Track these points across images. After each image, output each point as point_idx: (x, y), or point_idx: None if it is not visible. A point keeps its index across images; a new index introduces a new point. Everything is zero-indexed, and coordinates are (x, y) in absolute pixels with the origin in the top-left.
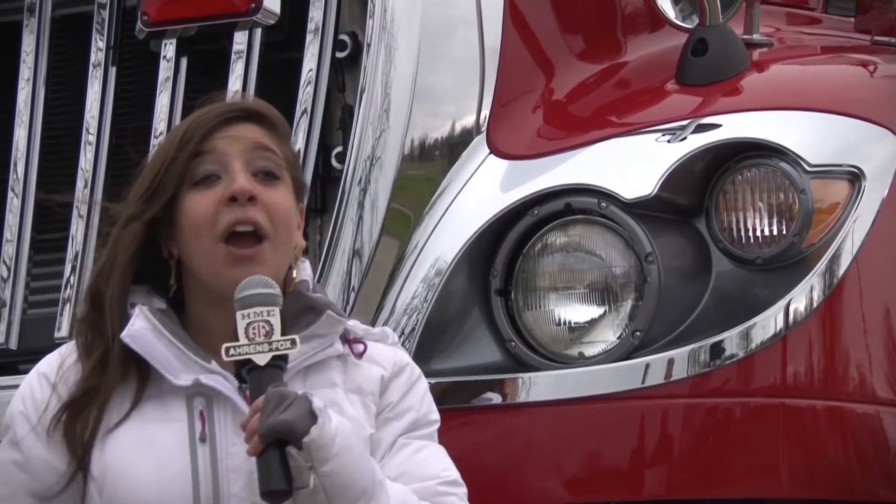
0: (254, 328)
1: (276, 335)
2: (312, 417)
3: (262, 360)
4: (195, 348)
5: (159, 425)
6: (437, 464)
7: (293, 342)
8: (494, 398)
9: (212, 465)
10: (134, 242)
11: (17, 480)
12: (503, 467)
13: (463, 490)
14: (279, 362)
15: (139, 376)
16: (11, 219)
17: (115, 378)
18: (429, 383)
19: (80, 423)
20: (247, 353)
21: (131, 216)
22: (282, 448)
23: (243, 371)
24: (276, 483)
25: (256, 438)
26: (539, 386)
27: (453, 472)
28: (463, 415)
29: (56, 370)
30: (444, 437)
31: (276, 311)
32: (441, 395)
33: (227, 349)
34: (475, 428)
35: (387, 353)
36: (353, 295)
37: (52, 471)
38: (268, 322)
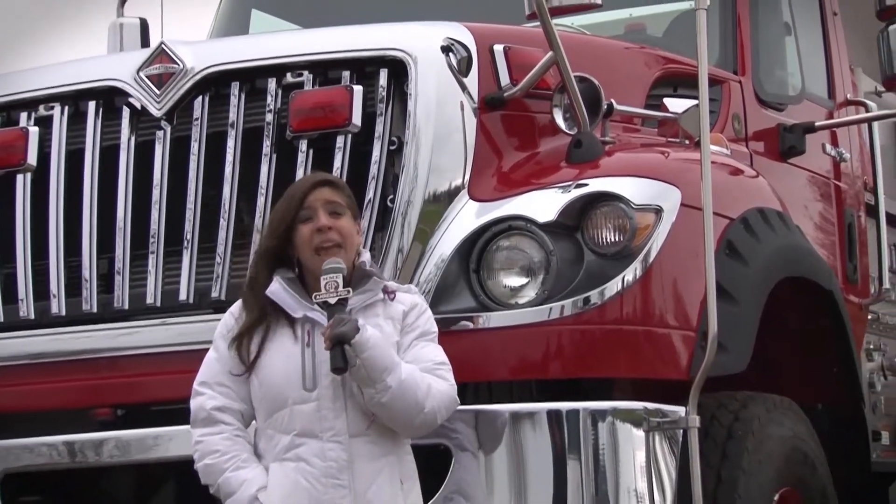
0: (328, 284)
1: (340, 288)
2: (357, 330)
3: (332, 300)
4: (306, 297)
5: (287, 339)
6: (433, 353)
7: (349, 291)
8: (471, 325)
9: (312, 358)
10: (270, 252)
11: (216, 368)
12: (474, 360)
13: (448, 367)
14: (342, 301)
15: (277, 315)
16: (222, 234)
17: (264, 316)
18: (436, 317)
19: (247, 339)
20: (324, 297)
21: (268, 237)
22: (341, 345)
23: (324, 307)
24: (339, 363)
25: (329, 341)
26: (494, 319)
27: (442, 357)
28: (454, 334)
29: (238, 311)
30: (445, 343)
31: (340, 275)
32: (444, 323)
33: (315, 295)
34: (461, 341)
35: (407, 298)
36: (399, 272)
37: (235, 363)
38: (335, 281)
